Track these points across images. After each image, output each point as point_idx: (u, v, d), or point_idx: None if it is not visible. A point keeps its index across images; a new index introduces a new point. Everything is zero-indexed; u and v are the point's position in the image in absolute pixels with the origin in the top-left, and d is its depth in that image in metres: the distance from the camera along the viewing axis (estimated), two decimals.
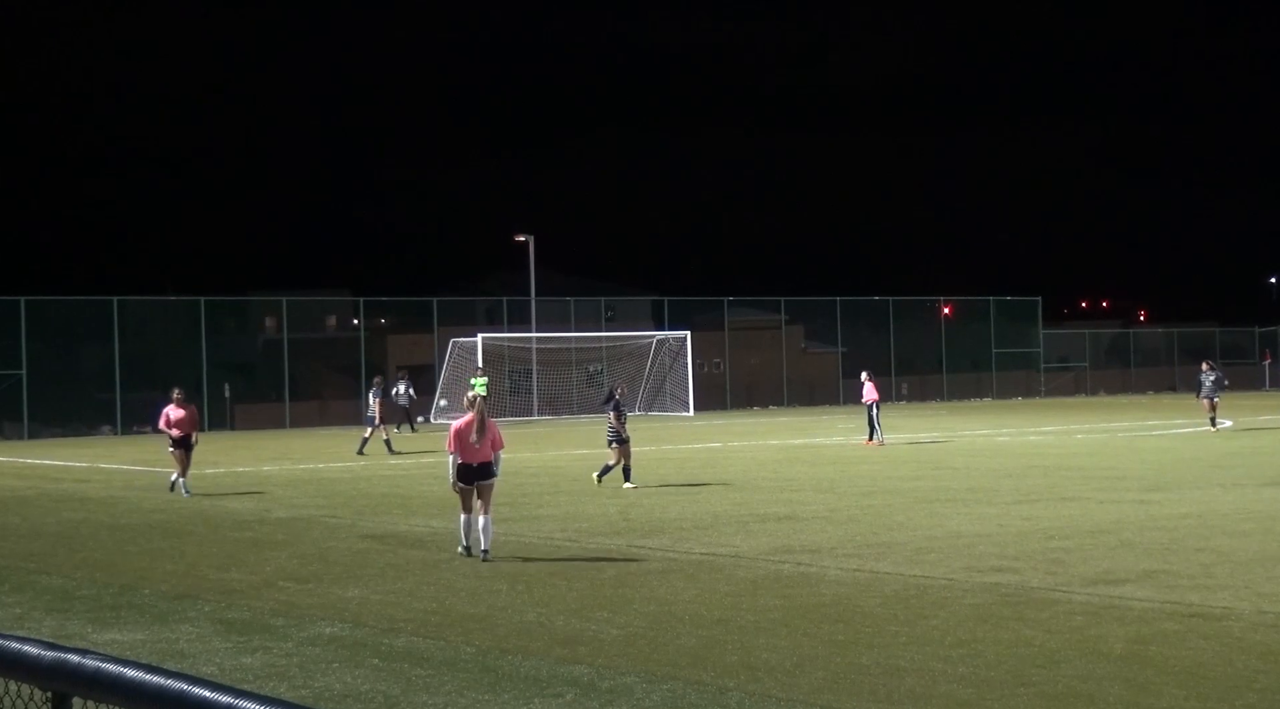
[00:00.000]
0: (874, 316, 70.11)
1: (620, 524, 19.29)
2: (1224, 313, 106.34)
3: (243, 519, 20.97)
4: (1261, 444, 33.25)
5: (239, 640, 11.53)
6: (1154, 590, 13.07)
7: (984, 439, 37.78)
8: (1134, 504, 20.31)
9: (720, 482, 25.45)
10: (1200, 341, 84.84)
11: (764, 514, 19.97)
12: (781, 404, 64.13)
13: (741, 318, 69.47)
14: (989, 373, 72.31)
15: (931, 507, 20.53)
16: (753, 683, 9.76)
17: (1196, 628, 11.31)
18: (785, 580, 14.17)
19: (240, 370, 58.99)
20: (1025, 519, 18.82)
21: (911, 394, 68.91)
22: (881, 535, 17.44)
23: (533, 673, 10.16)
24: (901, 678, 9.81)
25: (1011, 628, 11.46)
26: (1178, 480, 23.88)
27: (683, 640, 11.24)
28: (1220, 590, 12.99)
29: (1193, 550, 15.60)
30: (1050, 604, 12.49)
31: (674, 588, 13.85)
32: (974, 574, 14.22)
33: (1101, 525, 17.90)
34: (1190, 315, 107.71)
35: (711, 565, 15.32)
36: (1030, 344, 74.72)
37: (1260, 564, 14.48)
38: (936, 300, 76.33)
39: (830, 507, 20.78)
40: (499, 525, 19.46)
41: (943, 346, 72.43)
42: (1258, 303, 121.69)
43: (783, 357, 66.64)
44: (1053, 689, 9.43)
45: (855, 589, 13.54)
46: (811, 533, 17.74)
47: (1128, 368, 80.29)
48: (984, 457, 31.11)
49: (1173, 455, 30.18)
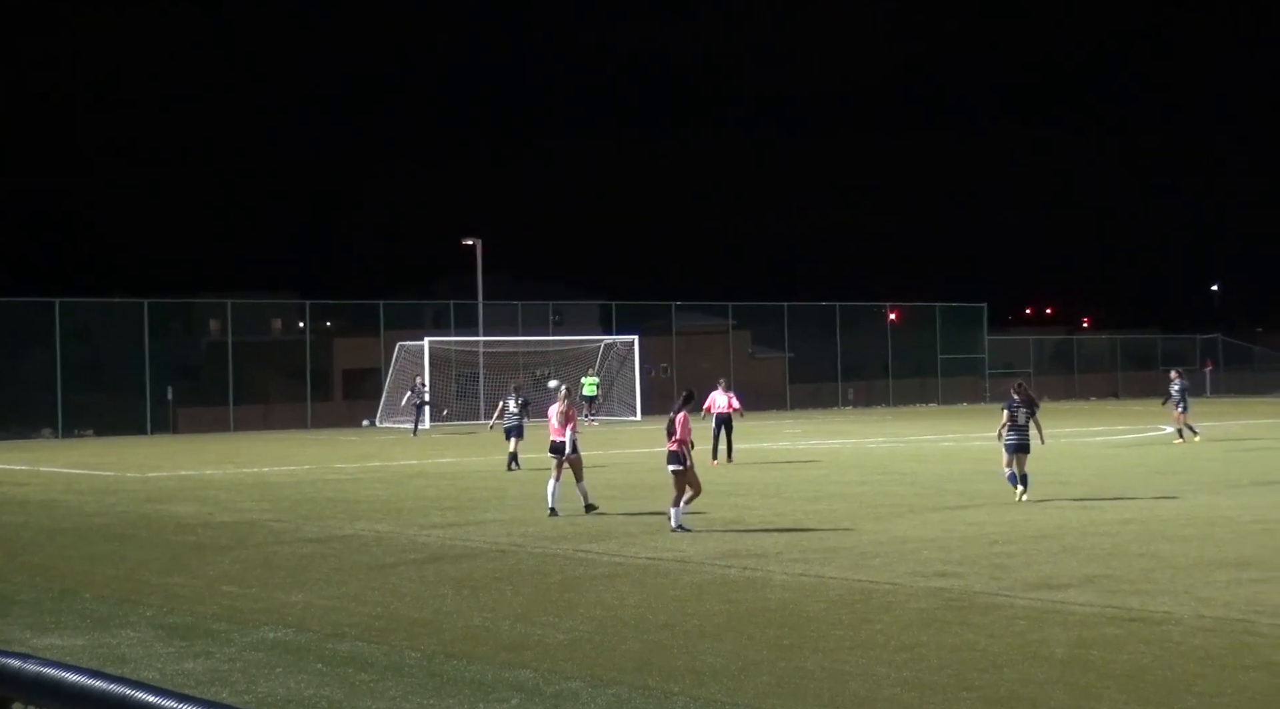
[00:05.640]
0: (821, 322, 70.36)
1: (566, 529, 19.28)
2: (1167, 320, 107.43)
3: (185, 523, 20.82)
4: (1202, 451, 33.59)
5: (181, 645, 11.45)
6: (1095, 595, 13.18)
7: (929, 444, 37.98)
8: (1077, 509, 20.48)
9: (666, 486, 25.45)
10: (1143, 348, 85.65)
11: (710, 519, 20.01)
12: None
13: (689, 322, 69.60)
14: (935, 378, 72.72)
15: (877, 512, 20.62)
16: (698, 687, 9.78)
17: (1137, 632, 11.42)
18: (731, 585, 14.21)
19: (184, 373, 58.59)
20: (969, 524, 18.94)
21: (858, 399, 69.19)
22: (827, 540, 17.51)
23: (478, 677, 10.14)
24: (845, 682, 9.85)
25: (955, 632, 11.53)
26: (1120, 486, 24.09)
27: (628, 645, 11.25)
28: (1160, 595, 13.11)
29: (1134, 555, 15.75)
30: (993, 609, 12.58)
31: (620, 592, 13.86)
32: (918, 579, 14.31)
33: (1044, 531, 18.03)
34: (1133, 322, 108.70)
35: (658, 570, 15.34)
36: (975, 350, 75.19)
37: (1200, 569, 14.63)
38: (883, 306, 76.72)
39: (777, 511, 20.84)
40: (443, 530, 19.43)
41: (889, 352, 72.80)
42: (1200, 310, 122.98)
43: (730, 361, 66.79)
44: (995, 693, 9.49)
45: (800, 594, 13.59)
46: (757, 538, 17.79)
47: (1072, 374, 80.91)
48: (929, 462, 31.28)
49: (1116, 461, 30.44)
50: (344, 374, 64.61)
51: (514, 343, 58.26)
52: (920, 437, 41.61)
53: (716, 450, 31.78)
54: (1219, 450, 33.71)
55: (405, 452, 37.79)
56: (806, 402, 66.80)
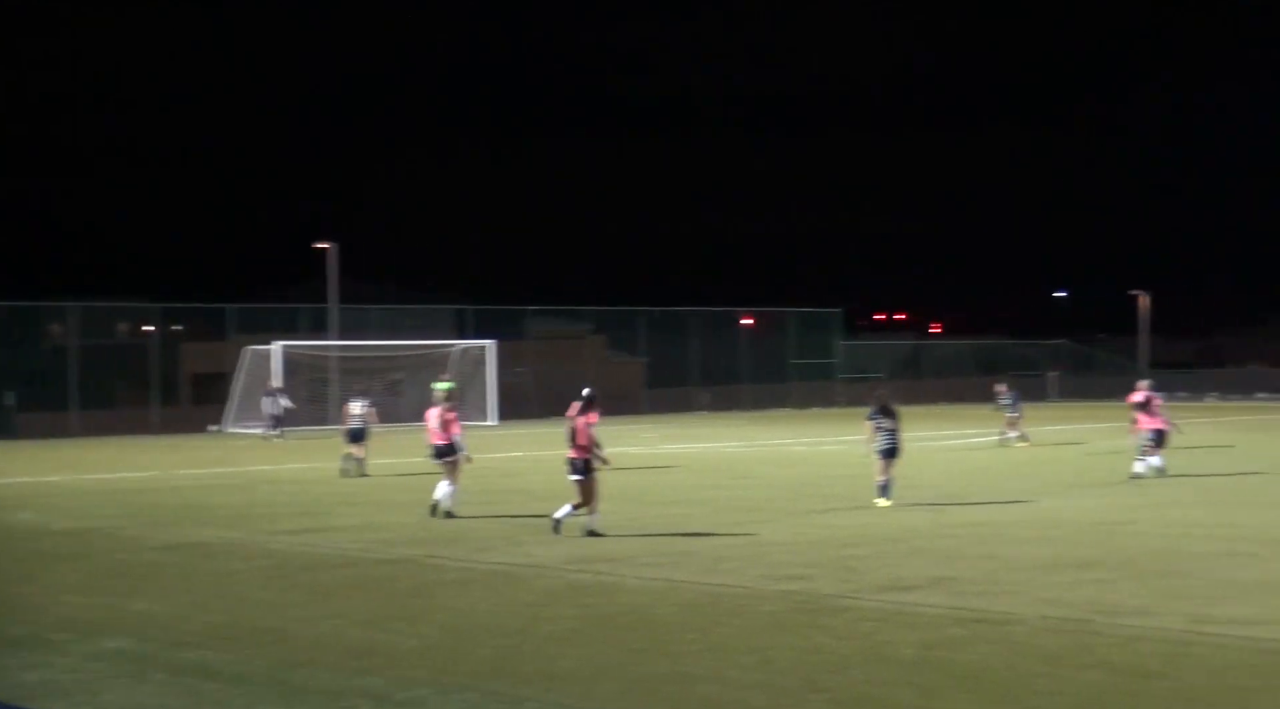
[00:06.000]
0: (677, 327, 70.68)
1: (419, 534, 19.13)
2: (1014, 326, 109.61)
3: (25, 531, 20.29)
4: (1046, 455, 34.32)
5: (20, 657, 11.14)
6: (942, 596, 13.39)
7: (784, 448, 38.33)
8: (925, 512, 20.80)
9: (520, 491, 25.39)
10: (992, 354, 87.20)
11: (563, 524, 19.94)
12: None
13: (546, 327, 69.51)
14: (789, 383, 73.41)
15: (731, 515, 20.75)
16: (549, 692, 9.75)
17: (982, 633, 11.61)
18: (583, 590, 14.19)
19: (26, 378, 57.08)
20: (821, 528, 19.13)
21: (714, 404, 69.56)
22: (679, 545, 17.57)
23: (326, 685, 10.01)
24: (696, 685, 9.89)
25: (804, 634, 11.63)
26: (967, 489, 24.50)
27: (479, 650, 11.18)
28: (1004, 596, 13.36)
29: (980, 557, 16.03)
30: (842, 611, 12.71)
31: (472, 598, 13.78)
32: (769, 582, 14.41)
33: (893, 533, 18.28)
34: (982, 328, 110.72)
35: (510, 575, 15.28)
36: (829, 355, 76.03)
37: (1042, 570, 14.93)
38: (738, 311, 77.31)
39: (631, 516, 20.86)
40: (293, 536, 19.16)
41: (745, 357, 73.36)
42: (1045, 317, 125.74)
43: (587, 367, 66.79)
44: (843, 694, 9.59)
45: (652, 598, 13.61)
46: (610, 542, 17.79)
47: (922, 379, 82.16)
48: (783, 466, 31.56)
49: (964, 465, 30.97)
50: (193, 379, 63.45)
51: (367, 347, 57.65)
52: (774, 441, 41.98)
53: None
54: (1062, 454, 34.47)
55: (255, 457, 37.24)
56: (663, 406, 66.98)
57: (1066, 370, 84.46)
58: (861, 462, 32.10)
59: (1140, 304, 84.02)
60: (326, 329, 59.14)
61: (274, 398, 47.39)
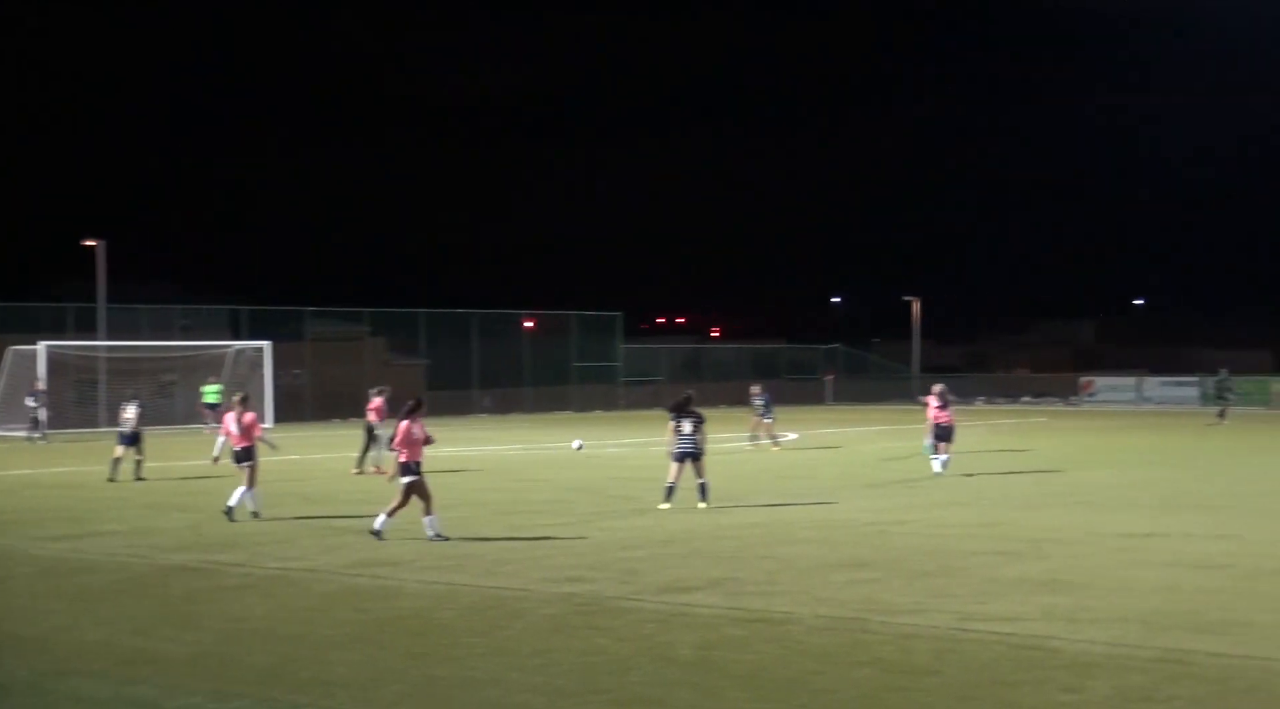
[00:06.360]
0: (458, 330, 70.31)
1: (192, 539, 18.68)
2: (791, 331, 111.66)
3: None
4: (823, 457, 35.00)
5: None
6: (721, 597, 13.55)
7: (565, 451, 38.37)
8: (705, 514, 21.02)
9: (297, 494, 24.98)
10: (769, 357, 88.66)
11: (342, 527, 19.71)
12: (363, 416, 63.36)
13: (324, 329, 68.47)
14: (571, 386, 73.60)
15: (510, 519, 20.70)
16: (327, 698, 9.60)
17: (760, 632, 11.78)
18: (362, 594, 14.02)
19: None
20: (602, 530, 19.21)
21: (495, 407, 69.36)
22: (460, 548, 17.47)
23: (92, 695, 9.70)
24: (477, 689, 9.84)
25: (585, 637, 11.66)
26: (746, 491, 24.83)
27: (255, 657, 10.96)
28: (782, 596, 13.58)
29: (758, 558, 16.26)
30: (623, 612, 12.78)
31: (247, 604, 13.51)
32: (550, 585, 14.42)
33: (674, 535, 18.44)
34: (760, 333, 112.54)
35: (287, 580, 15.02)
36: (611, 358, 76.43)
37: (819, 571, 15.21)
38: (519, 314, 77.23)
39: (410, 520, 20.64)
40: (59, 542, 18.54)
41: (526, 360, 73.33)
42: (821, 322, 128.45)
43: (366, 369, 66.01)
44: (623, 696, 9.64)
45: (432, 601, 13.51)
46: (390, 547, 17.61)
47: (702, 381, 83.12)
48: (565, 469, 31.60)
49: (744, 467, 31.37)
50: None
51: (138, 348, 56.07)
52: (555, 443, 41.99)
53: (362, 460, 31.61)
54: (838, 456, 35.20)
55: (18, 461, 35.94)
56: (444, 409, 66.47)
57: (841, 374, 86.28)
58: (641, 464, 32.38)
59: (913, 309, 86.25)
60: (95, 329, 57.40)
61: (37, 399, 45.90)
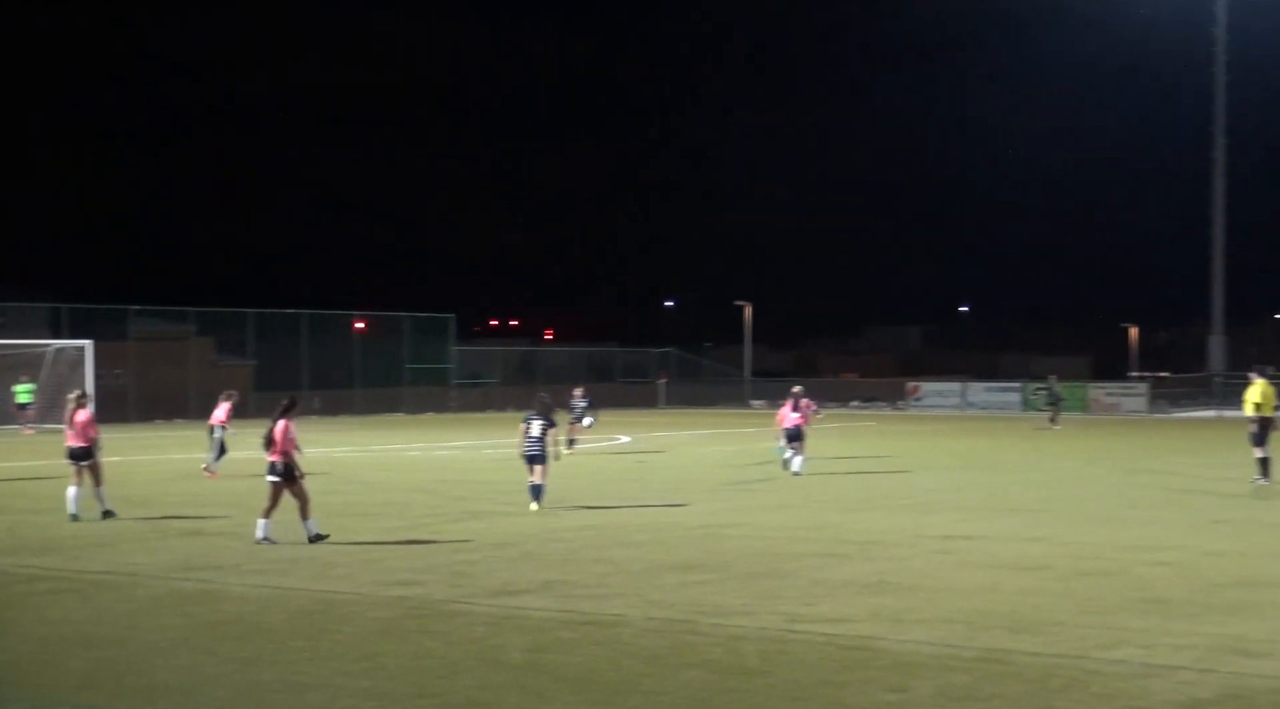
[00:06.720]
0: (287, 330, 69.34)
1: (7, 542, 18.17)
2: (625, 334, 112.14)
3: None
4: (658, 460, 35.19)
5: None
6: (552, 600, 13.55)
7: (396, 454, 38.08)
8: (536, 517, 21.00)
9: (120, 497, 24.41)
10: (603, 361, 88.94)
11: (166, 530, 19.35)
12: (188, 417, 62.24)
13: (148, 328, 67.02)
14: (403, 388, 73.04)
15: (341, 521, 20.47)
16: (148, 705, 9.41)
17: (590, 635, 11.80)
18: (187, 598, 13.75)
19: None
20: (433, 532, 19.10)
21: (325, 409, 68.53)
22: (288, 551, 17.23)
23: None
24: (304, 694, 9.71)
25: (414, 640, 11.57)
26: (579, 494, 24.86)
27: (73, 664, 10.69)
28: (613, 598, 13.61)
29: (590, 561, 16.29)
30: (453, 616, 12.71)
31: (65, 609, 13.17)
32: (380, 588, 14.29)
33: (506, 538, 18.40)
34: (594, 336, 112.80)
35: (108, 584, 14.67)
36: (443, 360, 76.00)
37: (650, 573, 15.29)
38: (350, 314, 76.44)
39: (238, 522, 20.36)
40: None
41: (357, 361, 72.59)
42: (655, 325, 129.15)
43: (191, 369, 64.78)
44: (453, 699, 9.59)
45: (259, 605, 13.30)
46: (216, 549, 17.31)
47: (535, 384, 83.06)
48: (395, 471, 31.37)
49: (578, 470, 31.41)
50: None
51: None
52: (387, 446, 41.67)
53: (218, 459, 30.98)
54: (670, 459, 35.41)
55: None
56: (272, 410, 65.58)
57: (675, 377, 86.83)
58: (474, 466, 32.27)
59: (745, 314, 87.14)
60: None
61: None
